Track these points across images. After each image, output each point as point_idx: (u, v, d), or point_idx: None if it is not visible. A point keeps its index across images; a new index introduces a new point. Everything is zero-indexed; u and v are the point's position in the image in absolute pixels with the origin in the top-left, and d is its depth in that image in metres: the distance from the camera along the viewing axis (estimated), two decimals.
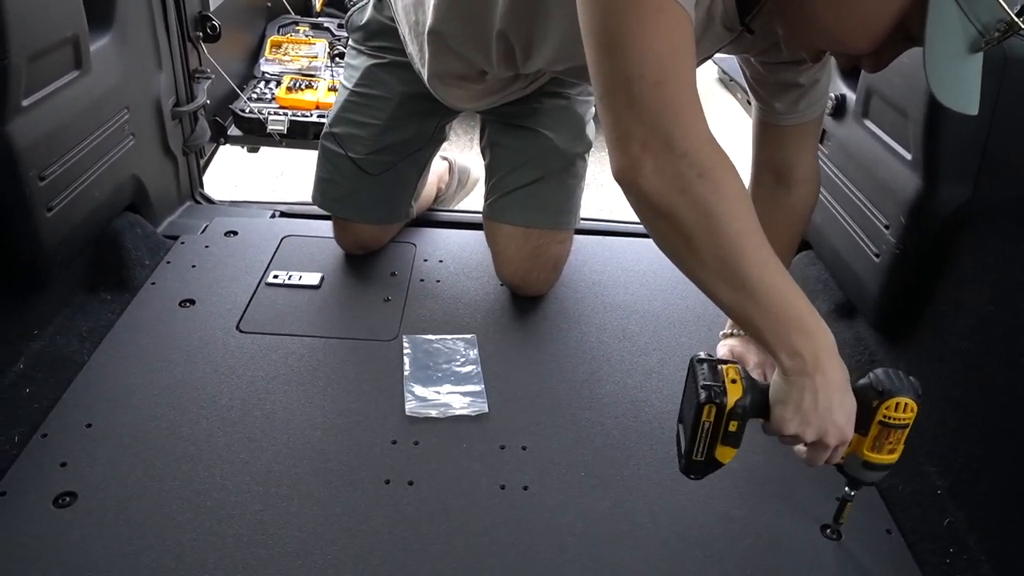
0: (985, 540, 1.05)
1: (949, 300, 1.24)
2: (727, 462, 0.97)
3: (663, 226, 0.89)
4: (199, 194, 2.00)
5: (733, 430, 0.94)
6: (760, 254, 0.87)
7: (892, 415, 0.93)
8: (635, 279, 1.67)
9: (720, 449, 0.96)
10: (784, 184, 1.28)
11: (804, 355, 0.87)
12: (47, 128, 1.31)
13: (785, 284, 0.88)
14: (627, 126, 0.86)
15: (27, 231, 1.29)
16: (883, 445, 0.96)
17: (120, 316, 1.44)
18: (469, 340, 1.44)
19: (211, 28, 2.01)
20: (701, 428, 0.94)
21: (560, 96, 1.53)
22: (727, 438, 0.95)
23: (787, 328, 0.87)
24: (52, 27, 1.30)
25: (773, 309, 0.87)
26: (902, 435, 0.95)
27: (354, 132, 1.54)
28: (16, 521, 1.03)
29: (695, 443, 0.96)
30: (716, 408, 0.93)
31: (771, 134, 1.27)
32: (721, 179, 0.86)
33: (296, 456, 1.17)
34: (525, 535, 1.07)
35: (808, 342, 0.87)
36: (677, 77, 0.84)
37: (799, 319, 0.88)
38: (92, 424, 1.19)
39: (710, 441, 0.95)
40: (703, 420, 0.94)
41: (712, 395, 0.92)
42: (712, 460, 0.97)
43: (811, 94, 1.21)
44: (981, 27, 0.79)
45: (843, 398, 0.90)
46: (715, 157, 0.86)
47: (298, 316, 1.48)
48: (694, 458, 0.97)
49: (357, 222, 1.62)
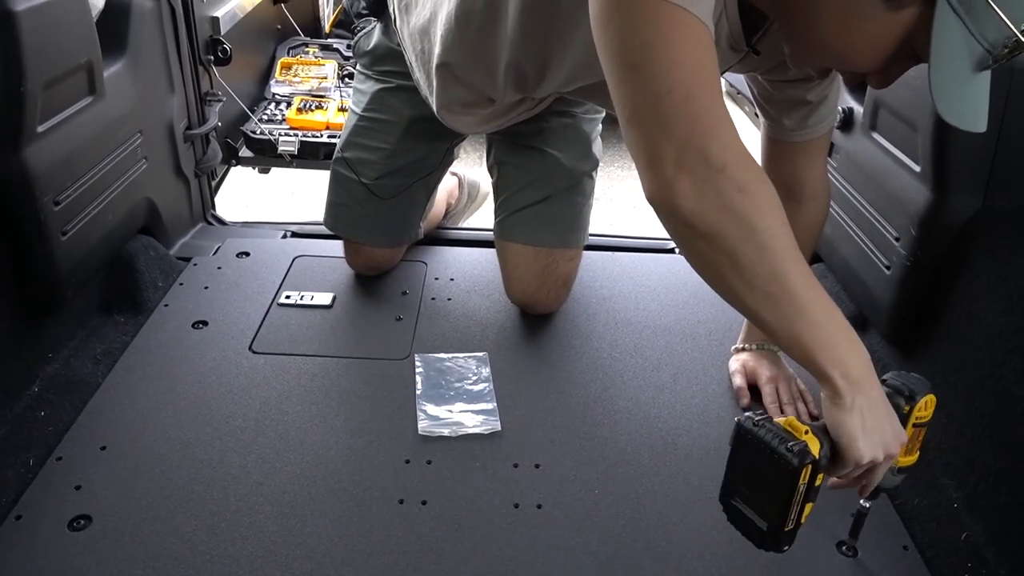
0: (1004, 553, 1.03)
1: (962, 311, 1.24)
2: (804, 522, 0.89)
3: (705, 247, 0.84)
4: (211, 215, 2.02)
5: (818, 484, 0.86)
6: (804, 268, 0.84)
7: (922, 415, 0.91)
8: (646, 294, 1.67)
9: (808, 507, 0.88)
10: (794, 199, 1.28)
11: (854, 371, 0.84)
12: (62, 153, 1.32)
13: (827, 299, 0.86)
14: (658, 145, 0.81)
15: (42, 255, 1.30)
16: (912, 447, 0.94)
17: (134, 338, 1.45)
18: (481, 358, 1.44)
19: (222, 51, 2.04)
20: (797, 493, 0.85)
21: (566, 115, 1.54)
22: (812, 494, 0.86)
23: (836, 343, 0.84)
24: (66, 54, 1.32)
25: (822, 324, 0.84)
26: (923, 435, 0.94)
27: (364, 156, 1.55)
28: (31, 544, 1.03)
29: (790, 512, 0.86)
30: (812, 467, 0.84)
31: (780, 150, 1.27)
32: (762, 193, 0.83)
33: (309, 476, 1.17)
34: (539, 554, 1.07)
35: (856, 357, 0.85)
36: (706, 90, 0.81)
37: (847, 333, 0.85)
38: (107, 447, 1.20)
39: (802, 505, 0.86)
40: (800, 484, 0.84)
41: (805, 456, 0.83)
42: (799, 524, 0.88)
43: (820, 110, 1.21)
44: (988, 45, 0.78)
45: (890, 417, 0.87)
46: (754, 170, 0.84)
47: (310, 336, 1.49)
48: (786, 529, 0.87)
49: (369, 245, 1.62)
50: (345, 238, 1.64)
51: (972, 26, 0.77)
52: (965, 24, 0.77)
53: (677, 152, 0.81)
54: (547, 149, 1.53)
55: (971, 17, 0.76)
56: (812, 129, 1.23)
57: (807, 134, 1.23)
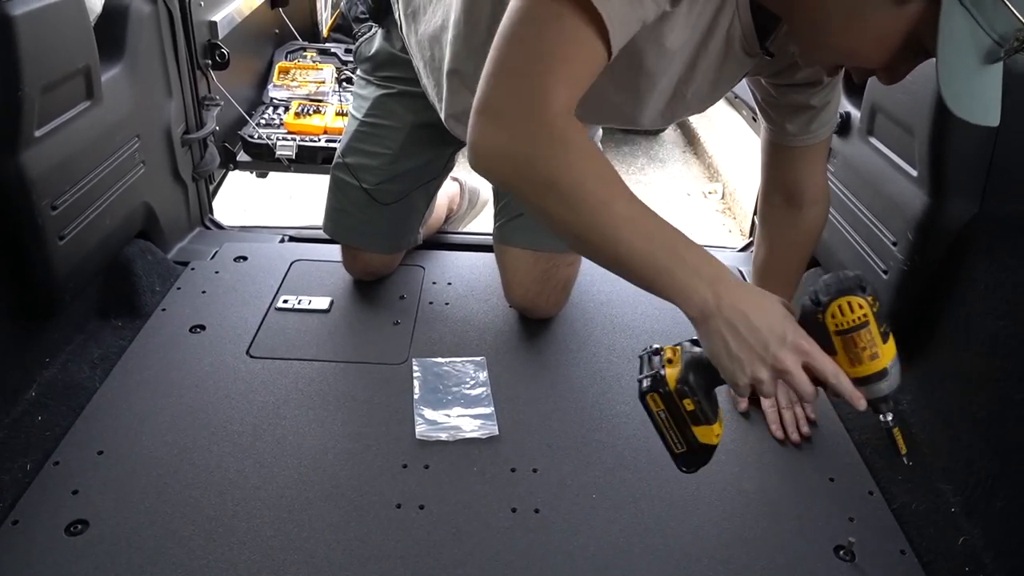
0: (1002, 558, 1.03)
1: (960, 316, 1.24)
2: (717, 441, 0.92)
3: (529, 192, 0.87)
4: (209, 220, 2.02)
5: (693, 408, 0.89)
6: (625, 206, 0.85)
7: (841, 320, 0.85)
8: (644, 299, 1.67)
9: (698, 431, 0.91)
10: (795, 204, 1.30)
11: (702, 295, 0.83)
12: (59, 158, 1.32)
13: (662, 232, 0.86)
14: (489, 100, 0.86)
15: (39, 259, 1.30)
16: (859, 355, 0.86)
17: (131, 343, 1.45)
18: (479, 362, 1.44)
19: (220, 56, 2.03)
20: (658, 420, 0.92)
21: None
22: (694, 418, 0.90)
23: (672, 272, 0.84)
24: (64, 58, 1.32)
25: (655, 265, 0.84)
26: (870, 336, 0.85)
27: (365, 162, 1.55)
28: (28, 549, 1.03)
29: (664, 436, 0.93)
30: (660, 395, 0.90)
31: (782, 155, 1.28)
32: (577, 146, 0.84)
33: (307, 481, 1.17)
34: (537, 559, 1.07)
35: (705, 286, 0.83)
36: (555, 72, 0.83)
37: (685, 258, 0.85)
38: (104, 451, 1.20)
39: (680, 429, 0.91)
40: (655, 412, 0.91)
41: (647, 385, 0.89)
42: (697, 446, 0.92)
43: (823, 115, 1.22)
44: (997, 37, 0.78)
45: (768, 318, 0.84)
46: (577, 128, 0.84)
47: (308, 341, 1.49)
48: (676, 452, 0.93)
49: (368, 251, 1.62)
50: (344, 244, 1.64)
51: (980, 19, 0.77)
52: (973, 16, 0.77)
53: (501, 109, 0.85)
54: None
55: (979, 9, 0.76)
56: (815, 134, 1.23)
57: (810, 139, 1.24)
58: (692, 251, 0.85)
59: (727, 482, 1.20)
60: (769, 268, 1.37)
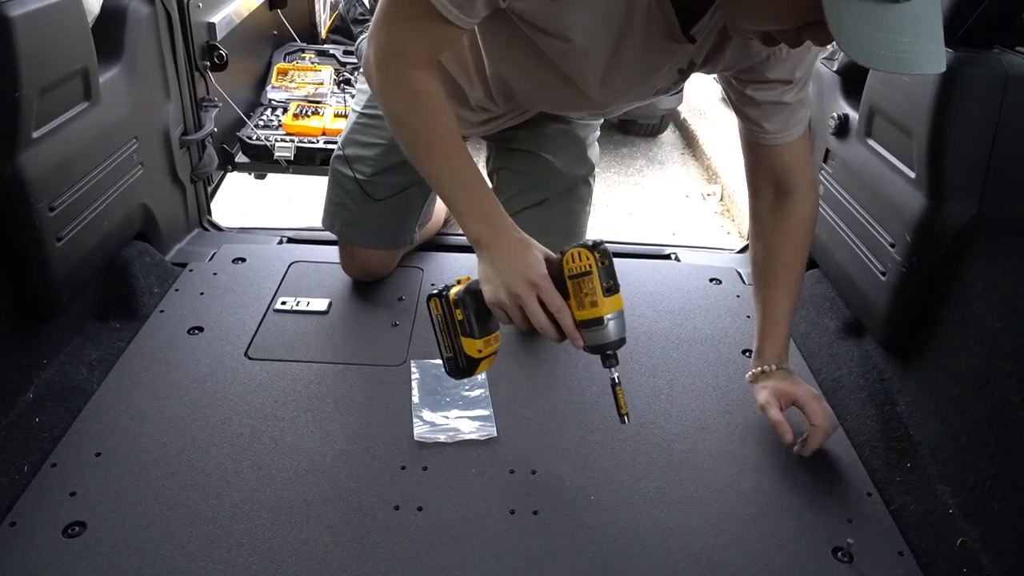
0: (1000, 559, 1.03)
1: (958, 317, 1.24)
2: (478, 356, 1.13)
3: (391, 121, 1.18)
4: (207, 221, 2.02)
5: (461, 319, 1.12)
6: (446, 149, 1.13)
7: (571, 267, 1.04)
8: (641, 300, 1.67)
9: (464, 341, 1.13)
10: (784, 193, 1.31)
11: (481, 231, 1.11)
12: (57, 159, 1.32)
13: (463, 175, 1.13)
14: (376, 42, 1.12)
15: (37, 261, 1.30)
16: (583, 300, 1.05)
17: (129, 344, 1.45)
18: None
19: (218, 57, 2.04)
20: (436, 323, 1.15)
21: (562, 120, 1.55)
22: (462, 328, 1.13)
23: (463, 212, 1.13)
24: (62, 60, 1.32)
25: (453, 200, 1.14)
26: (592, 284, 1.04)
27: (361, 153, 1.56)
28: (26, 551, 1.03)
29: (439, 339, 1.15)
30: (439, 301, 1.13)
31: (763, 153, 1.29)
32: (415, 93, 1.11)
33: (305, 483, 1.16)
34: (535, 561, 1.07)
35: (483, 223, 1.11)
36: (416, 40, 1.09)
37: (475, 202, 1.12)
38: (101, 453, 1.19)
39: (451, 334, 1.14)
40: (435, 315, 1.14)
41: (433, 293, 1.13)
42: (461, 354, 1.14)
43: (799, 112, 1.24)
44: None
45: (520, 257, 1.07)
46: (420, 79, 1.10)
47: (306, 342, 1.49)
48: (446, 355, 1.16)
49: (362, 246, 1.62)
50: (341, 240, 1.64)
51: None
52: None
53: (378, 56, 1.12)
54: (542, 153, 1.55)
55: None
56: (792, 132, 1.25)
57: (788, 136, 1.25)
58: (483, 197, 1.13)
59: (725, 483, 1.20)
60: (768, 263, 1.35)
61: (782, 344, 1.32)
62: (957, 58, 1.21)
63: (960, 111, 1.22)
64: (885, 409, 1.33)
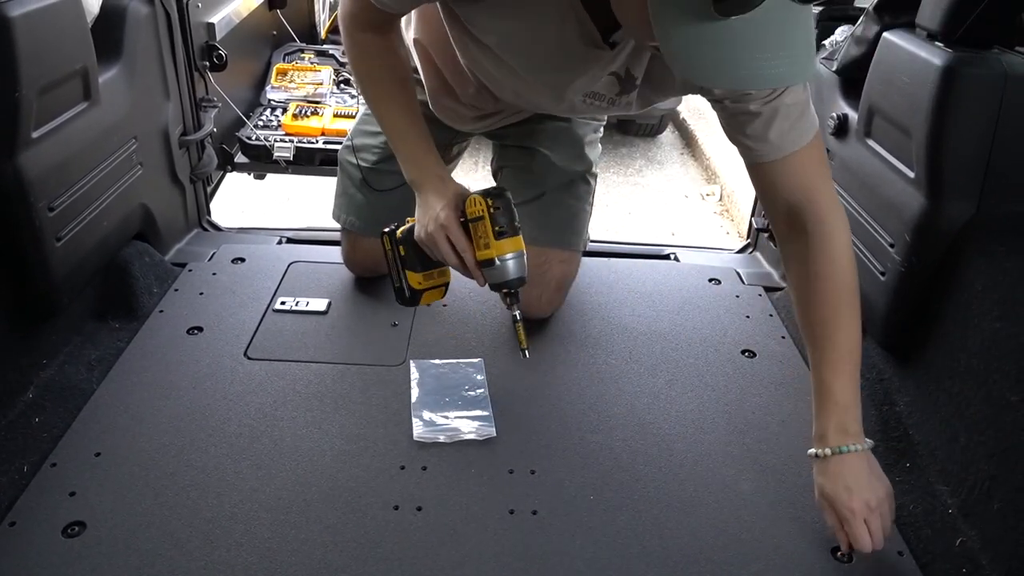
0: (999, 559, 1.03)
1: (957, 317, 1.24)
2: (419, 288, 1.31)
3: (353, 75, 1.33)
4: (206, 221, 2.02)
5: (404, 254, 1.29)
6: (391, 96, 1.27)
7: (467, 211, 1.20)
8: (641, 300, 1.67)
9: (409, 274, 1.30)
10: (799, 228, 1.15)
11: (413, 174, 1.26)
12: (56, 159, 1.32)
13: (403, 122, 1.26)
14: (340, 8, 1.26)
15: (36, 261, 1.30)
16: (479, 242, 1.19)
17: (129, 344, 1.45)
18: (476, 364, 1.44)
19: (218, 57, 2.04)
20: (387, 256, 1.32)
21: (561, 119, 1.55)
22: (404, 262, 1.30)
23: (402, 154, 1.27)
24: (62, 60, 1.32)
25: (395, 144, 1.28)
26: (484, 228, 1.18)
27: (367, 141, 1.59)
28: (25, 551, 1.03)
29: (390, 270, 1.32)
30: (388, 238, 1.30)
31: (763, 175, 1.18)
32: (362, 45, 1.25)
33: (304, 483, 1.16)
34: (535, 561, 1.07)
35: (415, 166, 1.26)
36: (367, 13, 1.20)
37: (411, 146, 1.26)
38: (101, 453, 1.19)
39: (398, 267, 1.31)
40: (386, 250, 1.31)
41: (385, 231, 1.31)
42: (406, 285, 1.32)
43: (776, 123, 1.12)
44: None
45: (438, 200, 1.21)
46: (379, 44, 1.24)
47: (305, 342, 1.49)
48: (395, 285, 1.34)
49: (365, 235, 1.62)
50: (344, 228, 1.65)
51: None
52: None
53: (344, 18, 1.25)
54: (539, 148, 1.56)
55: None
56: (777, 145, 1.13)
57: (777, 151, 1.14)
58: (416, 141, 1.27)
59: (724, 484, 1.21)
60: (804, 313, 1.17)
61: (833, 421, 1.10)
62: (957, 58, 1.21)
63: (959, 111, 1.22)
64: (884, 409, 1.33)
